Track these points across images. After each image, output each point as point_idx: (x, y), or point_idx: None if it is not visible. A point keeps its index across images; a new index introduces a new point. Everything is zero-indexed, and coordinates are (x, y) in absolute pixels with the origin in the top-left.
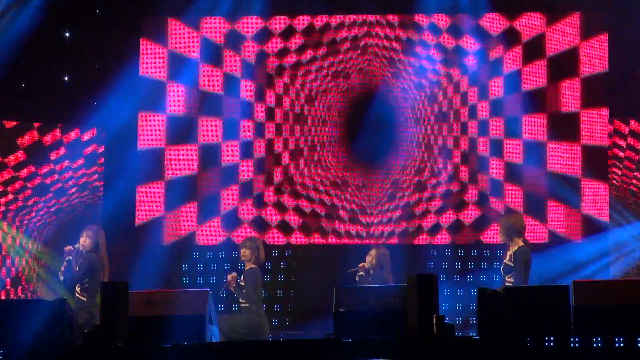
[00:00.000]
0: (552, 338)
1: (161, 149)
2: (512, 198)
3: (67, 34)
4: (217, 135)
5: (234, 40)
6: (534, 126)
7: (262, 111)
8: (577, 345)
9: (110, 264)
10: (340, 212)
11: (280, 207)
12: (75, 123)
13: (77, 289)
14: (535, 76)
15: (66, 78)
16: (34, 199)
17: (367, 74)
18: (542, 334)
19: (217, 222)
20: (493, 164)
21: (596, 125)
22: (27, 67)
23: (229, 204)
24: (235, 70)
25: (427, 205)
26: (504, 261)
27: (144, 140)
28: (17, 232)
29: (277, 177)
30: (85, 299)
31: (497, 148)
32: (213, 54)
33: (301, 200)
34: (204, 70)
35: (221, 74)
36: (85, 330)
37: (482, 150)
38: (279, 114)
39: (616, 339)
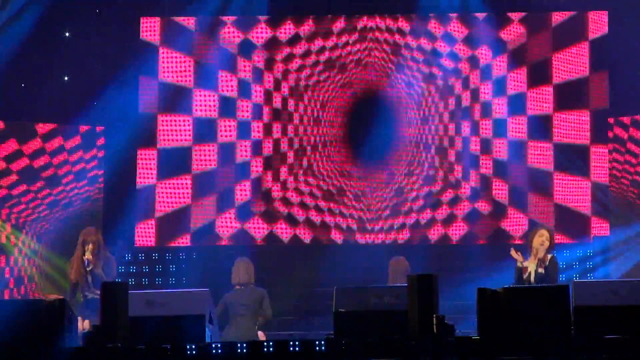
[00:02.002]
0: (552, 338)
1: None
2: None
3: (67, 34)
4: (231, 136)
5: (233, 39)
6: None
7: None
8: (577, 345)
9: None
10: (338, 218)
11: (270, 216)
12: (75, 123)
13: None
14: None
15: (66, 78)
16: (24, 189)
17: (367, 66)
18: (542, 334)
19: (214, 221)
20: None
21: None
22: (27, 67)
23: (228, 203)
24: (246, 75)
25: (425, 202)
26: (535, 270)
27: (142, 140)
28: (4, 226)
29: (267, 182)
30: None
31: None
32: (212, 54)
33: (294, 208)
34: (218, 75)
35: (229, 76)
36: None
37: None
38: (266, 112)
39: (616, 339)
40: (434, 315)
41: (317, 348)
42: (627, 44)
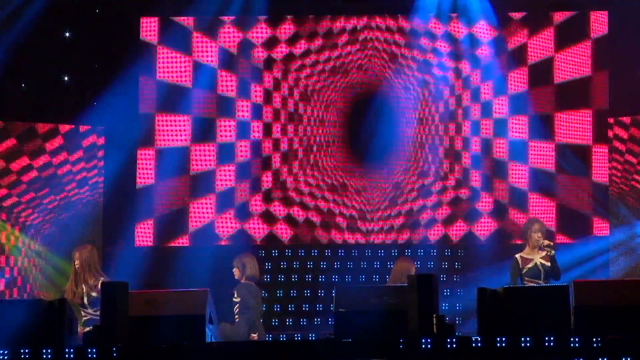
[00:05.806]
0: (552, 338)
1: (159, 149)
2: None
3: (67, 34)
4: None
5: (234, 40)
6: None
7: (246, 108)
8: (577, 345)
9: (110, 263)
10: (338, 218)
11: (269, 216)
12: (75, 123)
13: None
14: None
15: (66, 78)
16: (24, 189)
17: (367, 70)
18: (542, 334)
19: (214, 222)
20: (512, 168)
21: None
22: (27, 67)
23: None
24: (245, 75)
25: (425, 202)
26: (541, 263)
27: (142, 140)
28: (4, 225)
29: (266, 182)
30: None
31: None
32: (212, 54)
33: (293, 208)
34: (219, 74)
35: (234, 77)
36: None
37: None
38: (269, 112)
39: (616, 339)
40: (434, 315)
41: (318, 348)
42: (628, 43)
